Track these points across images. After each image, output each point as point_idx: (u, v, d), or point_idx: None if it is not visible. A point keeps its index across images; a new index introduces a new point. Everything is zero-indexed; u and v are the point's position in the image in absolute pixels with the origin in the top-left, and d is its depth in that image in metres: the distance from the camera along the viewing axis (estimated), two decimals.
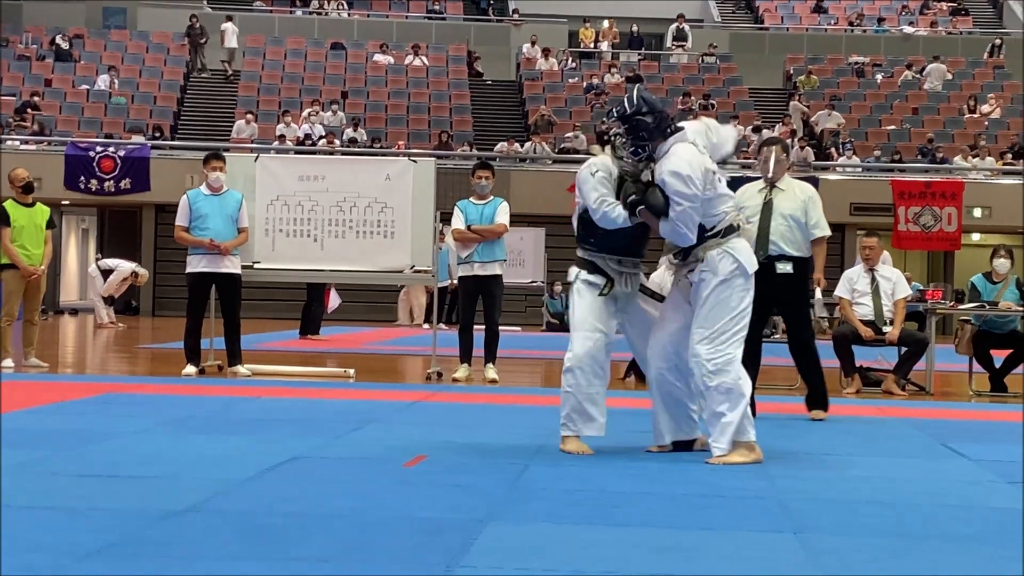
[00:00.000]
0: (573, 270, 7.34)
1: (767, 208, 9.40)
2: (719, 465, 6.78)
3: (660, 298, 7.41)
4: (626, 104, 6.96)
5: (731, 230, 7.05)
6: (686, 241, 6.95)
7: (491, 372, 12.19)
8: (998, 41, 36.71)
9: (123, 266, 22.93)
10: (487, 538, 4.74)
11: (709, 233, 6.98)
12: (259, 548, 4.52)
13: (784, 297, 9.44)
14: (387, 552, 4.51)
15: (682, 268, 7.14)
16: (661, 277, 11.69)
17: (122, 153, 27.11)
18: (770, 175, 9.47)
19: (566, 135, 30.16)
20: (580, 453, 7.06)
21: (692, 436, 7.29)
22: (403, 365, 15.07)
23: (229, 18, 34.87)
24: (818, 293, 11.73)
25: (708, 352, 6.90)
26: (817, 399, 9.59)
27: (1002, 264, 12.73)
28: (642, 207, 6.90)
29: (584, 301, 7.18)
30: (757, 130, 30.06)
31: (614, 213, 6.98)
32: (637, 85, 7.60)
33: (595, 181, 7.07)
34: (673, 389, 7.22)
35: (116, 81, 32.09)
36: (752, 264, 7.12)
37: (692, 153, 6.95)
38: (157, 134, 29.49)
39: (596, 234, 7.15)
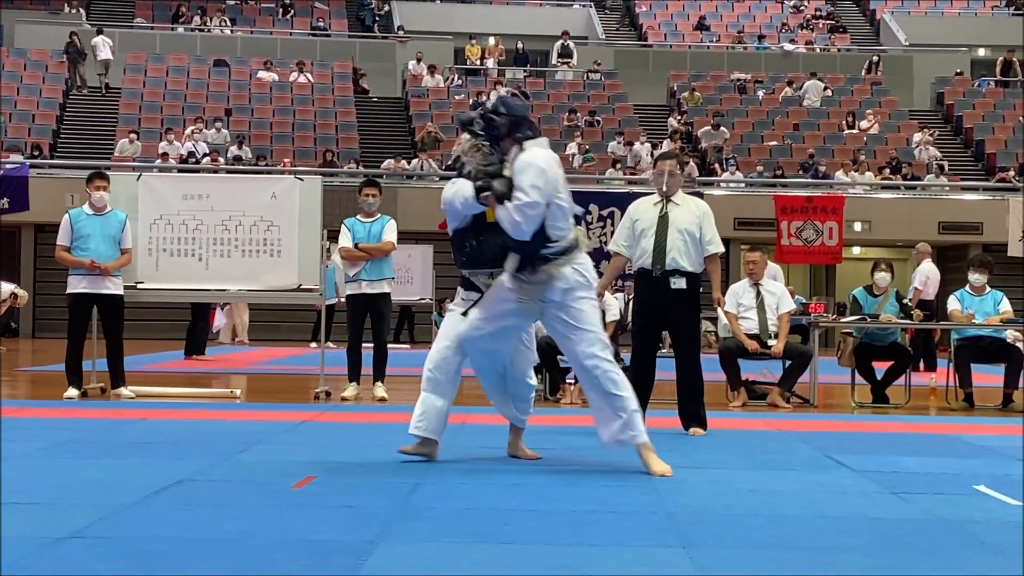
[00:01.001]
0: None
1: (663, 222, 9.41)
2: (609, 481, 6.90)
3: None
4: (492, 104, 7.46)
5: (574, 247, 7.19)
6: (519, 233, 7.02)
7: (380, 390, 12.13)
8: (875, 58, 37.48)
9: (2, 288, 22.44)
10: (378, 559, 4.71)
11: (554, 250, 7.08)
12: (145, 574, 4.44)
13: (674, 313, 9.46)
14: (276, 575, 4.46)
15: (529, 288, 7.16)
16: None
17: (0, 172, 26.56)
18: (664, 188, 9.52)
19: (453, 151, 30.17)
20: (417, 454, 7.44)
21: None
22: (290, 385, 14.93)
23: (99, 31, 34.30)
24: (721, 315, 11.85)
25: (607, 357, 7.11)
26: (698, 421, 9.51)
27: (882, 278, 12.97)
28: (488, 193, 7.14)
29: (452, 316, 7.65)
30: (630, 144, 30.49)
31: (465, 192, 7.27)
32: (507, 90, 8.16)
33: (453, 185, 7.46)
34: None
35: None
36: (596, 279, 7.41)
37: (550, 156, 7.23)
38: (36, 153, 28.95)
39: (464, 251, 7.41)
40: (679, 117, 33.29)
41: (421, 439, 7.45)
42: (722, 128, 32.21)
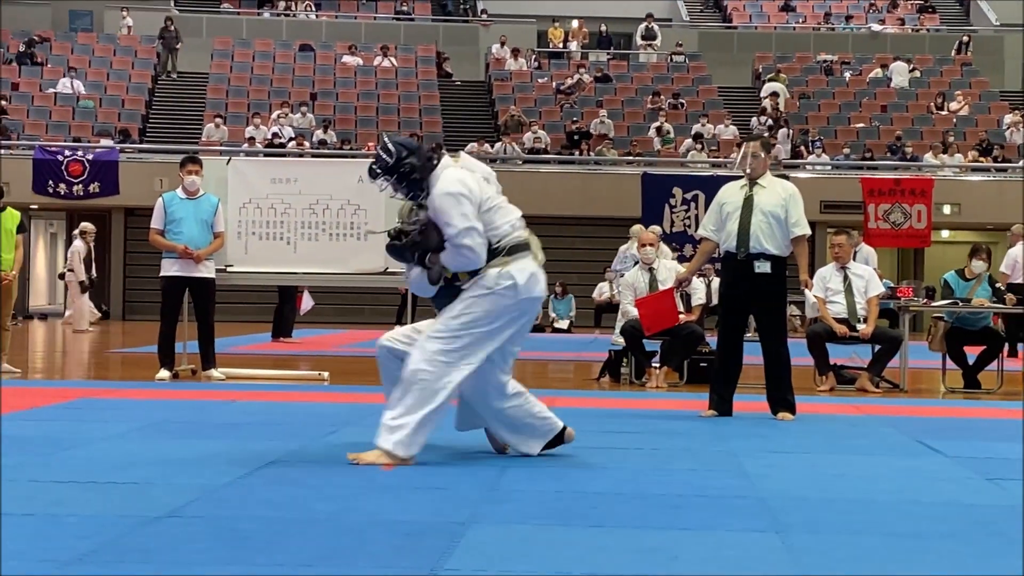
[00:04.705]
0: None
1: (748, 205, 9.36)
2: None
3: None
4: (385, 156, 6.63)
5: (519, 248, 6.69)
6: (475, 264, 6.61)
7: None
8: (966, 38, 36.92)
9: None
10: (470, 540, 4.73)
11: (493, 248, 6.63)
12: (240, 553, 4.50)
13: (759, 298, 9.39)
14: (369, 556, 4.49)
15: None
16: None
17: (90, 157, 27.01)
18: (747, 170, 9.47)
19: (535, 135, 30.16)
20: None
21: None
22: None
23: None
24: (808, 295, 11.79)
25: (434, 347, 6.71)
26: (786, 405, 9.38)
27: (979, 265, 12.78)
28: (428, 253, 6.63)
29: None
30: (714, 139, 30.20)
31: (417, 279, 6.81)
32: (385, 134, 7.21)
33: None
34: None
35: (83, 84, 31.92)
36: (531, 290, 6.67)
37: (459, 172, 6.69)
38: (125, 137, 29.34)
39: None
40: (771, 101, 32.93)
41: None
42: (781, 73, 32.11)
